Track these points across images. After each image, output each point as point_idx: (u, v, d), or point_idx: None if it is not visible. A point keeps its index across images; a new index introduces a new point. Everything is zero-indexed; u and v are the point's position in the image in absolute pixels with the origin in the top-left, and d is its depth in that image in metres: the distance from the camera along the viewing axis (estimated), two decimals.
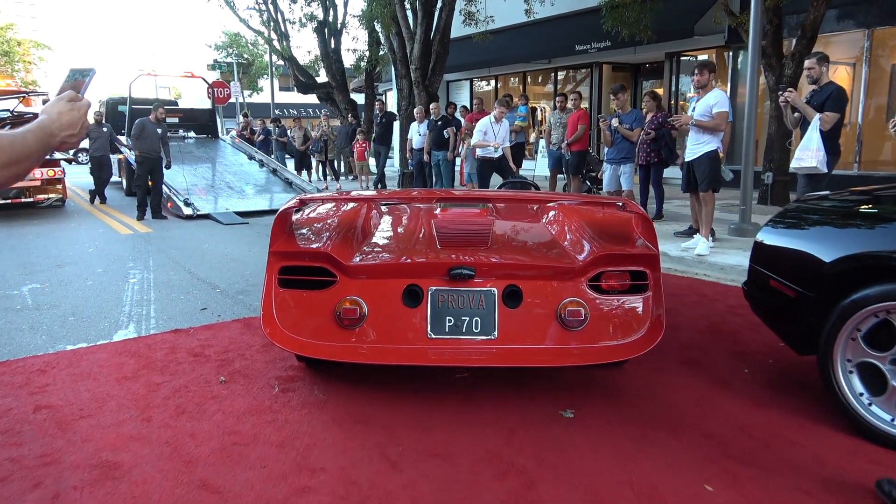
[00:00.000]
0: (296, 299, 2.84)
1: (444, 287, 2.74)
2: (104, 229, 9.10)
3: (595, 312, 2.78)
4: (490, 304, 2.73)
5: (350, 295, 2.76)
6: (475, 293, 2.75)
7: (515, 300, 2.77)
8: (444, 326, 2.72)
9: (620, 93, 7.16)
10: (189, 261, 6.59)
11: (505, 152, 8.92)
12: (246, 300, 4.95)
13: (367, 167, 14.46)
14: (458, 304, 2.73)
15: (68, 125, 1.33)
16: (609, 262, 2.81)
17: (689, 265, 6.07)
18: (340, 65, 18.51)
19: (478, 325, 2.72)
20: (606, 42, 14.07)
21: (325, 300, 2.79)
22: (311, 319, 2.79)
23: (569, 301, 2.74)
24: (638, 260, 2.85)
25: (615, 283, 2.84)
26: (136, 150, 10.40)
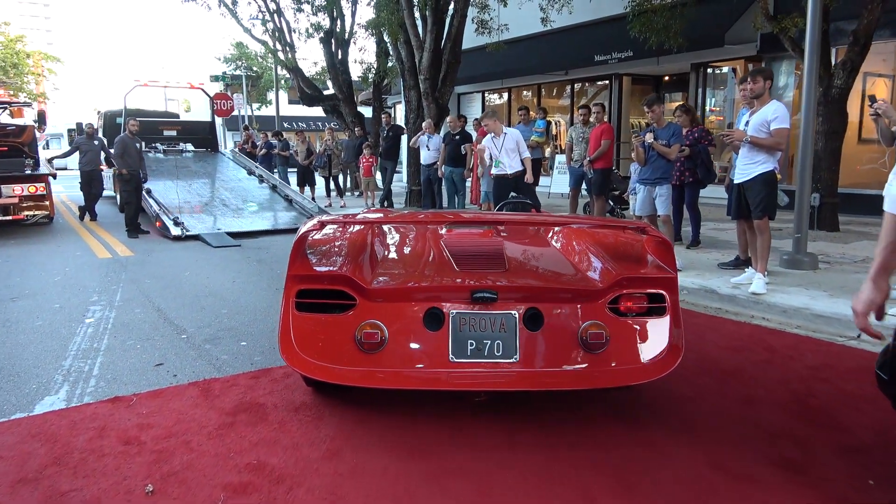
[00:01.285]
0: (314, 323, 2.79)
1: (466, 310, 2.72)
2: (82, 252, 8.30)
3: (616, 335, 2.77)
4: (511, 326, 2.72)
5: (370, 318, 2.71)
6: (497, 316, 2.72)
7: (536, 323, 2.75)
8: (465, 350, 2.69)
9: (656, 104, 6.29)
10: (162, 295, 5.75)
11: (525, 164, 7.96)
12: (213, 352, 4.08)
13: (374, 183, 13.63)
14: (480, 327, 2.71)
15: None
16: (630, 284, 2.82)
17: (744, 305, 5.15)
18: (347, 76, 17.75)
19: (499, 348, 2.69)
20: (629, 52, 13.24)
21: (344, 324, 2.74)
22: (331, 344, 2.74)
23: (590, 324, 2.74)
24: (657, 283, 2.85)
25: (633, 305, 2.84)
26: (123, 168, 9.67)
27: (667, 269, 2.90)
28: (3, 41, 38.91)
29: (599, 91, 16.43)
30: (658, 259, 2.98)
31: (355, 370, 2.70)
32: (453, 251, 3.21)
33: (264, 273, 6.77)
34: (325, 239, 3.26)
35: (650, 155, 6.35)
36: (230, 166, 13.97)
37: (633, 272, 2.86)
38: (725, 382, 3.49)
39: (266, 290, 5.95)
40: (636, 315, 2.85)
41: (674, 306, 2.86)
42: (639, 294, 2.84)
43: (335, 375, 2.71)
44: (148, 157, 13.62)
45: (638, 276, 2.85)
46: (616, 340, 2.77)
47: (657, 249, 3.03)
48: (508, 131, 8.01)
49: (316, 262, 2.92)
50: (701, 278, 5.79)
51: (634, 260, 3.02)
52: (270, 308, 5.21)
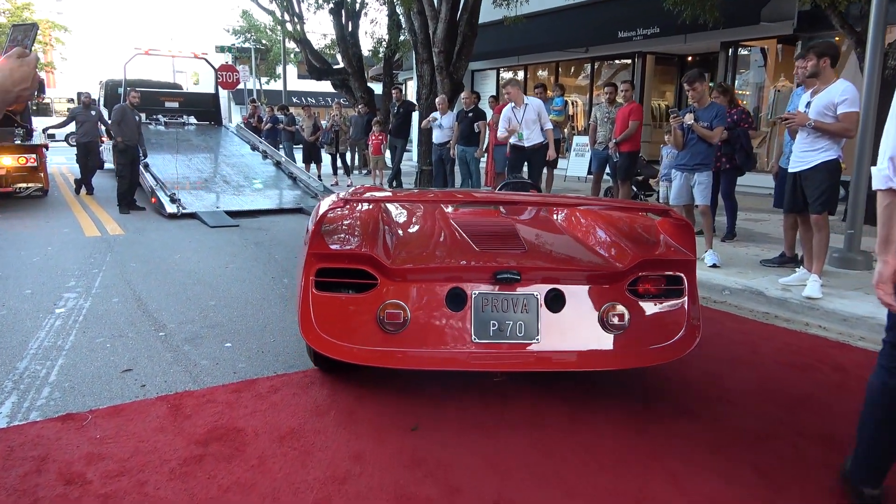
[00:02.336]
0: (335, 303, 2.75)
1: (488, 291, 2.72)
2: (70, 229, 7.77)
3: (636, 316, 2.79)
4: (533, 307, 2.72)
5: (393, 298, 2.68)
6: (519, 297, 2.72)
7: (558, 304, 2.75)
8: (488, 331, 2.69)
9: (698, 81, 5.64)
10: (145, 281, 5.21)
11: (548, 137, 7.62)
12: (192, 354, 3.54)
13: (383, 162, 13.00)
14: (502, 308, 2.71)
15: (20, 80, 1.42)
16: (650, 266, 2.84)
17: (796, 311, 4.56)
18: (358, 50, 17.06)
19: (521, 329, 2.70)
20: (655, 28, 12.48)
21: (366, 304, 2.70)
22: (352, 323, 2.71)
23: (611, 305, 2.75)
24: (676, 265, 2.89)
25: (652, 287, 2.86)
26: (119, 136, 9.10)
27: (685, 251, 2.92)
28: (9, 8, 38.21)
29: (618, 70, 15.67)
30: (677, 241, 2.99)
31: (377, 350, 2.66)
32: (468, 231, 3.17)
33: (261, 258, 6.22)
34: (344, 217, 3.17)
35: (689, 138, 5.71)
36: (234, 141, 13.38)
37: (654, 254, 2.89)
38: (797, 413, 2.91)
39: (261, 277, 5.40)
40: (655, 296, 2.87)
41: (691, 288, 2.89)
42: (658, 276, 2.86)
43: (357, 356, 2.66)
44: (149, 130, 13.07)
45: (659, 259, 2.88)
46: (636, 322, 2.78)
47: (676, 232, 3.03)
48: (530, 101, 7.60)
49: (336, 240, 2.86)
50: (744, 277, 5.19)
51: (654, 242, 3.03)
52: (263, 300, 4.66)
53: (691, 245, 2.95)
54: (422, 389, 3.06)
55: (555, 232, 3.47)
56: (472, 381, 3.14)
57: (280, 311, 4.41)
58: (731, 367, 3.46)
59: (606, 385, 3.16)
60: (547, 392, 3.06)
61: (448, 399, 2.96)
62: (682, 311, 2.86)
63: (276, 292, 4.89)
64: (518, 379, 3.15)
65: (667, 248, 2.97)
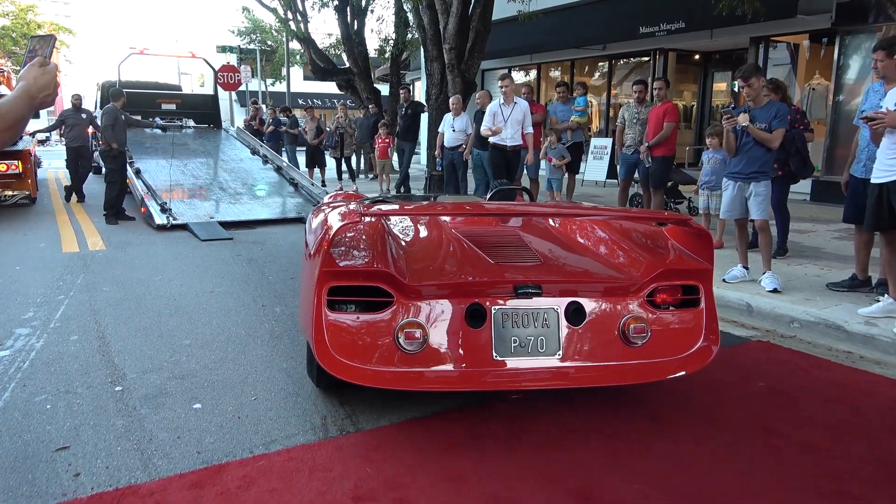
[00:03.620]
0: (349, 323, 2.56)
1: (508, 306, 2.61)
2: (48, 243, 7.08)
3: (655, 328, 2.72)
4: (553, 321, 2.63)
5: (410, 317, 2.55)
6: (539, 311, 2.63)
7: (578, 317, 2.66)
8: (509, 347, 2.59)
9: (754, 76, 4.87)
10: (115, 311, 4.49)
11: (526, 141, 7.61)
12: (149, 422, 2.80)
13: (390, 166, 12.27)
14: (523, 322, 2.61)
15: (44, 87, 1.54)
16: (667, 276, 2.78)
17: (887, 351, 3.78)
18: (363, 49, 16.34)
19: (542, 344, 2.61)
20: (680, 23, 11.73)
21: (382, 323, 2.55)
22: (369, 345, 2.54)
23: (631, 317, 2.68)
24: (694, 275, 2.83)
25: (669, 297, 2.80)
26: (112, 142, 8.43)
27: (702, 261, 2.86)
28: (13, 10, 37.78)
29: (634, 68, 14.91)
30: (692, 250, 2.92)
31: (396, 371, 2.54)
32: (477, 242, 3.09)
33: (252, 279, 5.49)
34: (355, 231, 2.98)
35: (743, 142, 4.95)
36: (233, 145, 12.68)
37: (672, 264, 2.82)
38: None
39: (249, 305, 4.67)
40: (674, 307, 2.82)
41: (708, 298, 2.85)
42: (675, 286, 2.81)
43: (377, 379, 2.52)
44: (143, 133, 12.42)
45: (677, 269, 2.81)
46: (656, 334, 2.72)
47: (692, 240, 2.96)
48: (519, 101, 7.65)
49: (347, 256, 2.69)
50: (813, 305, 4.42)
51: (669, 251, 2.96)
52: (248, 338, 3.93)
53: (708, 254, 2.86)
54: None
55: (565, 242, 3.36)
56: None
57: (267, 352, 3.68)
58: (839, 440, 2.70)
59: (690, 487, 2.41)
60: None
61: None
62: (699, 322, 2.81)
63: (265, 327, 4.16)
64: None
65: (683, 257, 2.90)
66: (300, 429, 2.74)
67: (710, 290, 2.85)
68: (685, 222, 3.00)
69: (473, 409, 2.96)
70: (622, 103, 15.50)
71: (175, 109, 13.41)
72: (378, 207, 3.31)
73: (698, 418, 2.90)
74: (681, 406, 3.03)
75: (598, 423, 2.82)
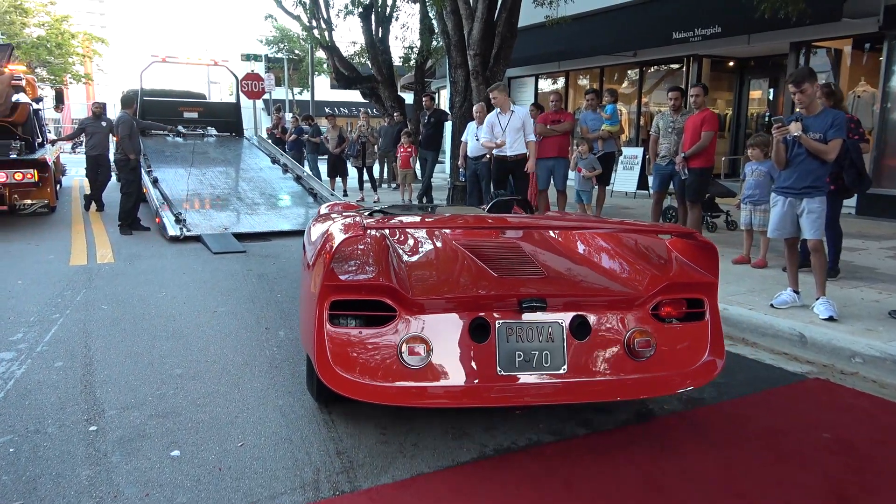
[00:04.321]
0: (352, 338, 2.50)
1: (512, 320, 2.57)
2: (56, 255, 6.87)
3: (661, 342, 2.68)
4: (558, 336, 2.58)
5: (414, 331, 2.50)
6: (544, 325, 2.58)
7: (583, 331, 2.62)
8: (514, 362, 2.54)
9: (807, 82, 4.40)
10: (109, 333, 4.19)
11: (529, 148, 7.31)
12: (119, 472, 2.45)
13: (412, 176, 11.93)
14: (528, 337, 2.56)
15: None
16: (672, 290, 2.73)
17: None
18: (388, 56, 16.10)
19: (547, 358, 2.55)
20: (716, 27, 11.20)
21: (386, 338, 2.49)
22: (372, 360, 2.48)
23: (637, 330, 2.65)
24: (699, 288, 2.79)
25: (674, 311, 2.75)
26: (130, 152, 8.24)
27: (707, 274, 2.81)
28: (48, 21, 38.50)
29: (665, 76, 14.40)
30: (697, 263, 2.88)
31: (400, 388, 2.48)
32: (480, 255, 3.06)
33: (260, 297, 5.17)
34: (359, 244, 2.95)
35: (794, 154, 4.48)
36: (253, 153, 12.47)
37: (678, 277, 2.77)
38: None
39: (252, 328, 4.33)
40: (678, 320, 2.78)
41: (713, 311, 2.81)
42: (679, 300, 2.77)
43: (379, 395, 2.46)
44: (164, 142, 12.30)
45: (682, 282, 2.76)
46: (661, 347, 2.68)
47: (696, 252, 2.90)
48: (517, 109, 7.47)
49: (349, 270, 2.65)
50: (876, 337, 3.92)
51: (673, 264, 2.90)
52: (245, 367, 3.59)
53: (713, 267, 2.81)
54: None
55: (568, 254, 3.33)
56: None
57: (263, 385, 3.32)
58: None
59: None
60: None
61: None
62: (705, 336, 2.78)
63: (265, 354, 3.81)
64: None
65: (689, 270, 2.84)
66: (288, 486, 2.36)
67: (716, 304, 2.81)
68: (690, 235, 2.95)
69: (492, 462, 2.57)
70: (653, 112, 15.08)
71: (197, 118, 13.26)
72: (381, 220, 3.27)
73: (756, 484, 2.46)
74: (734, 467, 2.59)
75: (632, 483, 2.40)
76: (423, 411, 2.98)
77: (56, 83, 38.98)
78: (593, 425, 2.92)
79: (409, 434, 2.79)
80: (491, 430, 2.85)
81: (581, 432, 2.85)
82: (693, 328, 2.78)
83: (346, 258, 2.72)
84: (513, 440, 2.75)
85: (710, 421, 3.03)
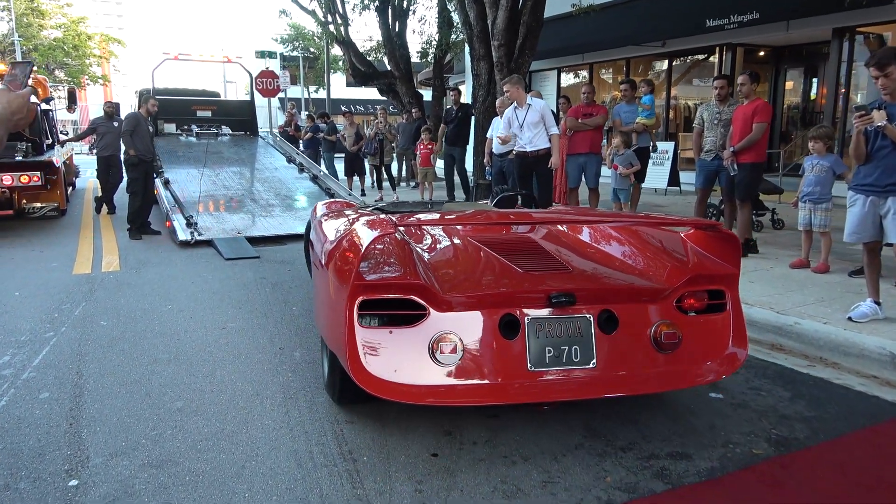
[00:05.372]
0: (383, 337, 2.46)
1: (541, 315, 2.53)
2: (60, 262, 6.47)
3: (686, 334, 2.68)
4: (587, 330, 2.56)
5: (445, 329, 2.46)
6: (572, 320, 2.55)
7: (610, 325, 2.59)
8: (544, 358, 2.50)
9: (892, 65, 3.85)
10: (106, 355, 3.75)
11: (552, 143, 6.82)
12: None
13: (433, 174, 11.44)
14: (557, 332, 2.53)
15: (17, 110, 1.66)
16: (696, 282, 2.74)
17: None
18: (405, 51, 15.61)
19: (577, 353, 2.53)
20: (754, 13, 10.56)
21: (417, 337, 2.45)
22: (404, 359, 2.44)
23: (662, 323, 2.64)
24: (721, 280, 2.79)
25: (697, 303, 2.75)
26: (131, 149, 7.84)
27: (729, 265, 2.80)
28: (65, 23, 38.54)
29: (692, 67, 13.79)
30: (717, 254, 2.85)
31: (431, 387, 2.42)
32: (500, 251, 3.01)
33: (273, 310, 4.71)
34: (383, 242, 2.83)
35: (877, 146, 3.92)
36: (269, 153, 12.05)
37: (702, 269, 2.76)
38: None
39: (265, 347, 3.87)
40: (702, 312, 2.76)
41: (735, 302, 2.80)
42: (702, 292, 2.76)
43: (411, 394, 2.39)
44: (177, 141, 11.94)
45: (706, 274, 2.75)
46: (687, 340, 2.67)
47: (718, 245, 2.87)
48: (534, 102, 6.88)
49: (380, 269, 2.56)
50: None
51: (697, 256, 2.86)
52: (255, 398, 3.12)
53: (735, 258, 2.82)
54: None
55: (587, 249, 3.28)
56: None
57: (276, 423, 2.85)
58: None
59: None
60: None
61: None
62: (727, 327, 2.78)
63: (278, 381, 3.35)
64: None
65: (711, 262, 2.83)
66: None
67: (737, 295, 2.82)
68: (711, 227, 2.94)
69: None
70: (682, 105, 14.45)
71: (210, 116, 12.87)
72: (403, 217, 3.18)
73: None
74: None
75: None
76: (465, 459, 2.50)
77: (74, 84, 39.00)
78: (671, 477, 2.41)
79: (451, 491, 2.30)
80: (549, 483, 2.35)
81: (658, 487, 2.35)
82: (716, 320, 2.77)
83: (374, 257, 2.66)
84: (577, 499, 2.25)
85: (814, 468, 2.51)
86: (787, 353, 3.94)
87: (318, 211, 4.73)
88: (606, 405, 3.01)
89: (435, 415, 2.87)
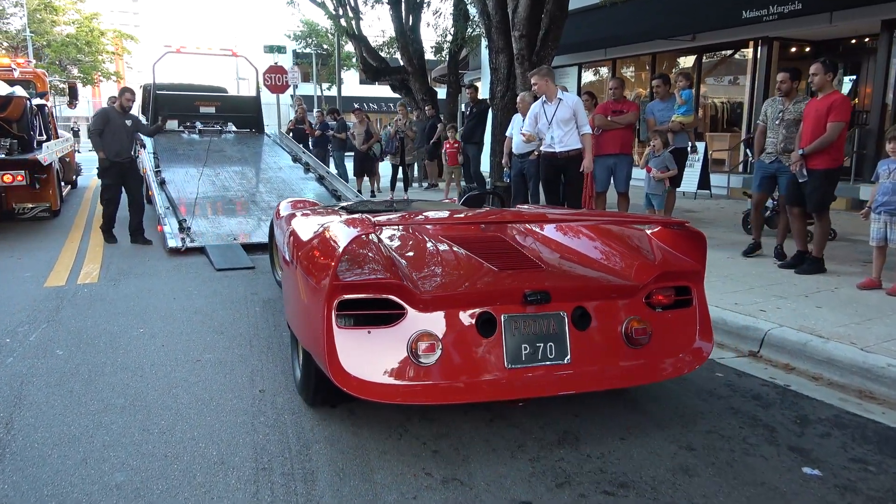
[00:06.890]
0: (362, 337, 2.46)
1: (517, 313, 2.57)
2: (34, 272, 5.84)
3: (656, 329, 2.76)
4: (561, 327, 2.61)
5: (423, 328, 2.47)
6: (547, 317, 2.60)
7: (584, 322, 2.66)
8: (521, 355, 2.55)
9: None
10: (47, 399, 3.08)
11: (584, 143, 6.21)
12: None
13: (460, 172, 10.74)
14: (533, 330, 2.57)
15: None
16: (665, 278, 2.83)
17: None
18: (419, 45, 14.91)
19: (552, 350, 2.58)
20: (796, 4, 9.75)
21: (395, 336, 2.46)
22: (383, 359, 2.45)
23: (633, 319, 2.71)
24: (687, 276, 2.89)
25: (664, 299, 2.83)
26: (100, 151, 7.07)
27: (695, 263, 2.90)
28: (78, 19, 38.27)
29: (720, 62, 12.98)
30: (684, 252, 2.94)
31: (411, 386, 2.43)
32: (475, 250, 3.05)
33: (260, 336, 4.03)
34: (362, 243, 2.85)
35: None
36: (274, 151, 11.39)
37: (670, 266, 2.85)
38: None
39: (243, 389, 3.18)
40: (669, 307, 2.84)
41: (700, 298, 2.90)
42: (669, 288, 2.83)
43: (390, 394, 2.40)
44: (179, 139, 11.32)
45: (674, 270, 2.85)
46: (656, 334, 2.74)
47: (684, 242, 2.96)
48: (565, 97, 6.26)
49: (357, 268, 2.60)
50: None
51: (664, 253, 2.95)
52: (219, 470, 2.42)
53: (700, 255, 2.90)
54: None
55: (559, 247, 3.30)
56: None
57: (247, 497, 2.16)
58: None
59: None
60: None
61: None
62: (693, 322, 2.86)
63: (251, 441, 2.65)
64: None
65: (678, 259, 2.90)
66: None
67: (702, 292, 2.91)
68: (679, 224, 2.96)
69: None
70: (711, 103, 13.63)
71: (214, 112, 12.25)
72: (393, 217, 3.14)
73: None
74: None
75: None
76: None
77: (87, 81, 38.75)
78: None
79: None
80: None
81: None
82: (682, 315, 2.85)
83: (352, 257, 2.67)
84: None
85: None
86: (881, 402, 3.20)
87: (282, 210, 4.65)
88: None
89: None
